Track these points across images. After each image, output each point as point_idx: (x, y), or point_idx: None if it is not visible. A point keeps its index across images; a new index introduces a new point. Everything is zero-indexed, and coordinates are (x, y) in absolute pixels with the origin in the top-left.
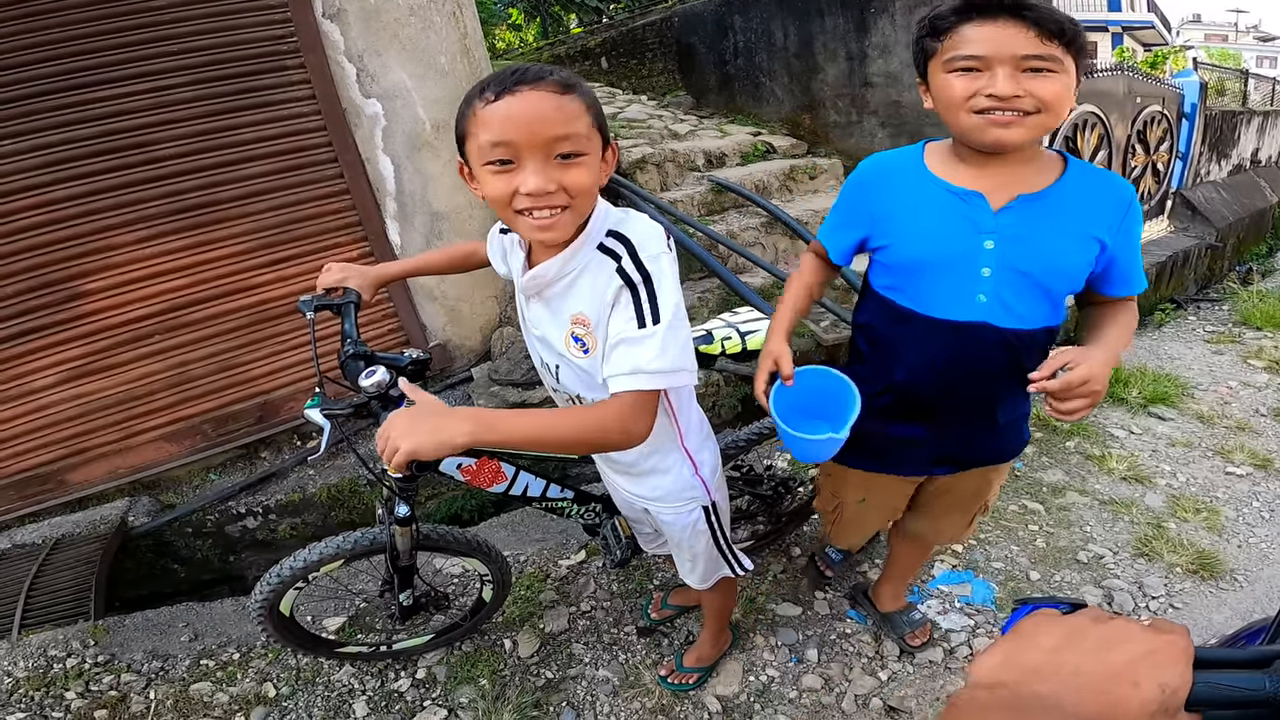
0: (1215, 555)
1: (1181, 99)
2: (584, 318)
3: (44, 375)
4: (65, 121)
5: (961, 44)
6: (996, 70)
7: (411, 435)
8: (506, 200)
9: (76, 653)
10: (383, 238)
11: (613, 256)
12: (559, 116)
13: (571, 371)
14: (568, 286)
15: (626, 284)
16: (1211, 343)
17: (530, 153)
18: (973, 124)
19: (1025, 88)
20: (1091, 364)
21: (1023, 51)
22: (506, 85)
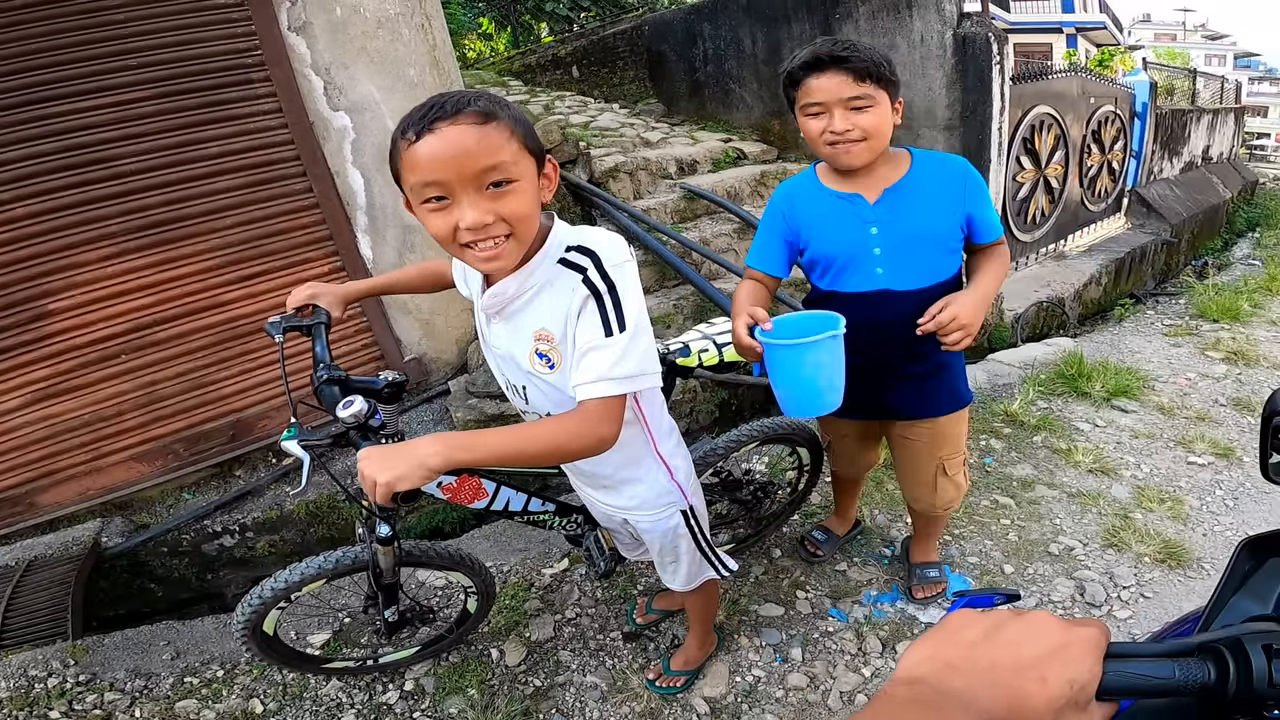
0: (1181, 544)
1: (1133, 98)
2: (547, 333)
3: (10, 397)
4: (25, 137)
5: (807, 94)
6: (833, 112)
7: (389, 468)
8: (449, 236)
9: (57, 672)
10: (354, 251)
11: (576, 269)
12: (482, 148)
13: (539, 391)
14: (528, 303)
15: (592, 293)
16: (1170, 336)
17: (461, 187)
18: (828, 153)
19: (853, 122)
20: (959, 304)
21: (847, 95)
22: (426, 123)
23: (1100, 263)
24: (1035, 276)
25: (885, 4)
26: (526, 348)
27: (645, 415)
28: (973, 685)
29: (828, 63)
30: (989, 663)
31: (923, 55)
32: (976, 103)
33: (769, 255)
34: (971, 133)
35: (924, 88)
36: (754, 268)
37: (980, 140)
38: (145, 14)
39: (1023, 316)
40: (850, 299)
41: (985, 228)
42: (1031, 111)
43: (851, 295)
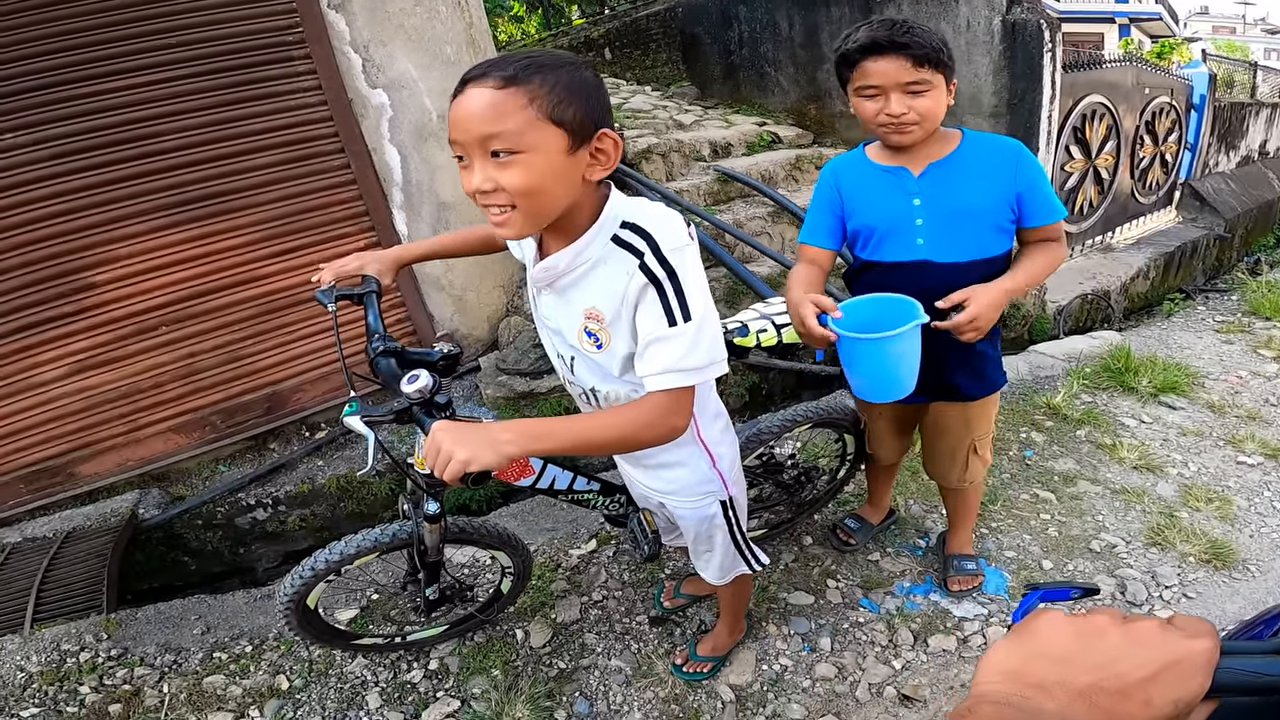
0: (1228, 545)
1: (1190, 90)
2: (597, 312)
3: (52, 367)
4: (76, 113)
5: (864, 76)
6: (890, 95)
7: (467, 446)
8: (471, 196)
9: (90, 646)
10: (389, 228)
11: (633, 252)
12: (487, 114)
13: (586, 364)
14: (580, 278)
15: (651, 281)
16: (1221, 332)
17: (471, 151)
18: (881, 134)
19: (909, 105)
20: (978, 303)
21: (905, 79)
22: (462, 82)
23: (1149, 256)
24: (1080, 268)
25: None
26: (576, 324)
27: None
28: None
29: (887, 47)
30: (1087, 684)
31: (968, 41)
32: (1025, 90)
33: (819, 228)
34: (1019, 120)
35: (969, 74)
36: (806, 243)
37: (1028, 128)
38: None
39: (1066, 309)
40: (890, 268)
41: (1035, 209)
42: (1083, 101)
43: (892, 265)
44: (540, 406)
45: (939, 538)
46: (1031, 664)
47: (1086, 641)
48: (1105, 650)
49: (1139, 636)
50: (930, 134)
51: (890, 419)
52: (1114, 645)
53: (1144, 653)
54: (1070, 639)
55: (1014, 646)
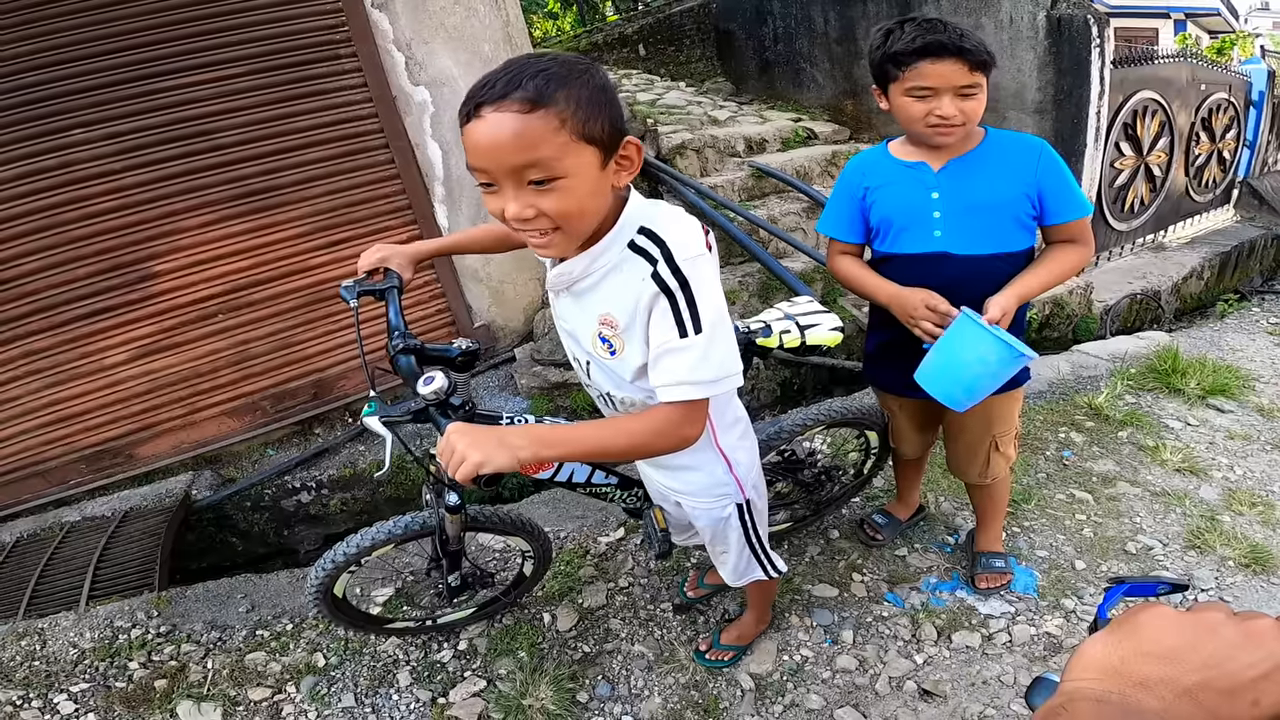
0: (1269, 549)
1: (1249, 86)
2: (612, 319)
3: (116, 353)
4: (134, 111)
5: (919, 77)
6: (943, 97)
7: (480, 449)
8: (501, 218)
9: (140, 623)
10: (431, 221)
11: (647, 259)
12: (520, 143)
13: (600, 370)
14: (595, 284)
15: (663, 290)
16: (1275, 334)
17: (502, 179)
18: (926, 134)
19: (960, 108)
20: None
21: (960, 83)
22: (473, 105)
23: (1203, 256)
24: (1130, 268)
25: None
26: (591, 328)
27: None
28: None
29: (950, 50)
30: (1196, 682)
31: (1011, 36)
32: (1071, 86)
33: (842, 221)
34: (1065, 116)
35: (1013, 69)
36: (834, 237)
37: (1075, 125)
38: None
39: (1114, 309)
40: (908, 260)
41: (1057, 205)
42: (1134, 97)
43: (910, 256)
44: (573, 397)
45: (968, 535)
46: (1135, 661)
47: (1197, 638)
48: (1217, 647)
49: (1254, 634)
50: (968, 134)
51: (911, 414)
52: (1227, 642)
53: (1258, 651)
54: (1178, 635)
55: (1115, 641)
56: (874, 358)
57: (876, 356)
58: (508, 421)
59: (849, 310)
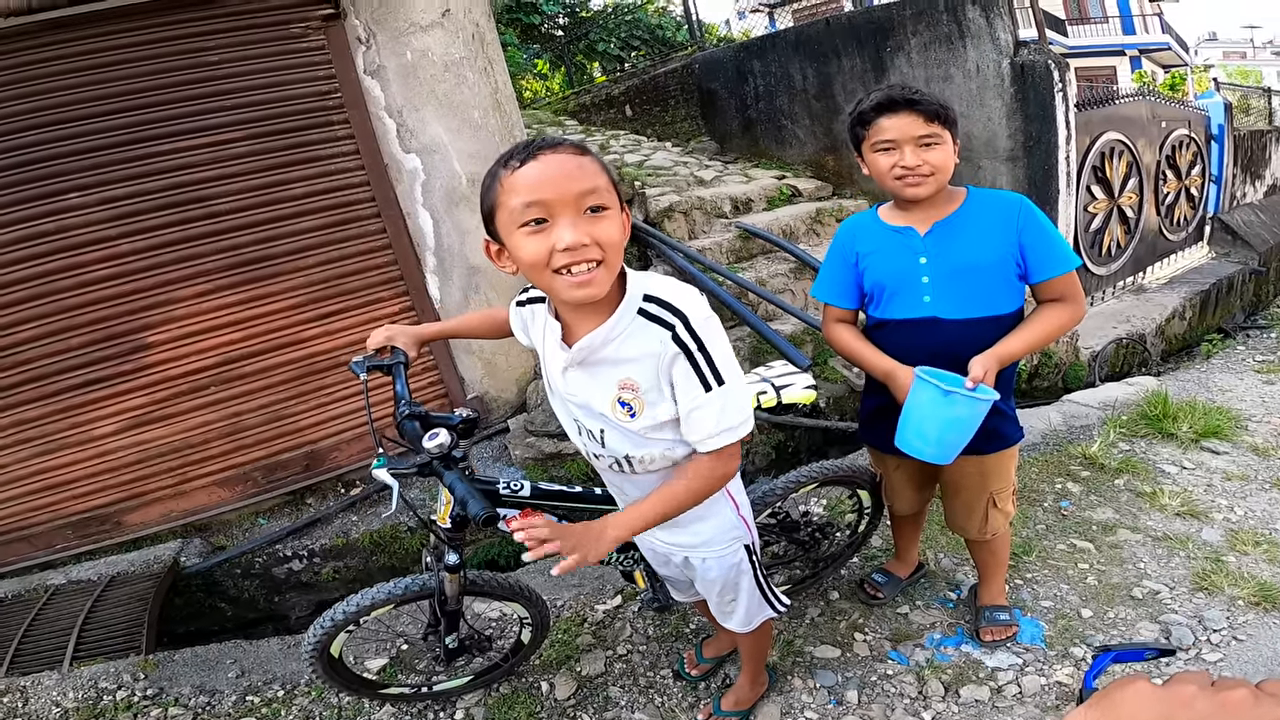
0: (1278, 587)
1: (1208, 121)
2: (632, 383)
3: (106, 423)
4: (130, 175)
5: (879, 132)
6: (904, 148)
7: (585, 549)
8: (544, 261)
9: (126, 685)
10: (423, 292)
11: (664, 325)
12: (583, 173)
13: (618, 434)
14: (615, 351)
15: (684, 352)
16: (1262, 372)
17: (562, 208)
18: (896, 187)
19: (923, 158)
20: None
21: (918, 133)
22: (530, 152)
23: (1183, 295)
24: (1113, 312)
25: (937, 36)
26: (609, 395)
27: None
28: None
29: (901, 104)
30: None
31: (979, 85)
32: (1040, 132)
33: (836, 287)
34: (1036, 163)
35: (983, 118)
36: (829, 303)
37: (1046, 170)
38: (239, 56)
39: (1101, 354)
40: (900, 325)
41: (1041, 261)
42: (1100, 138)
43: (901, 322)
44: (567, 466)
45: (971, 590)
46: None
47: (1173, 712)
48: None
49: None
50: (942, 187)
51: (908, 473)
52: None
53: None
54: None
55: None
56: (870, 420)
57: (872, 418)
58: (504, 487)
59: (839, 371)
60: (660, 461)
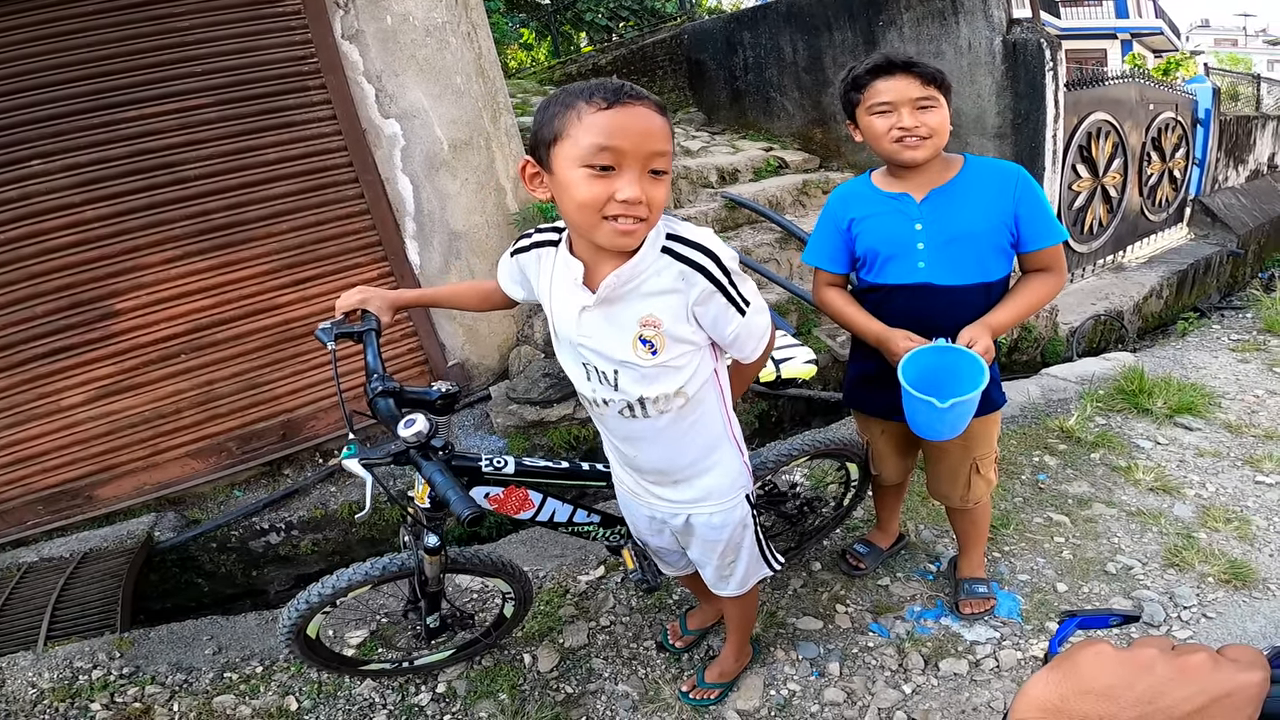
0: (1248, 564)
1: (1195, 105)
2: (654, 319)
3: (75, 393)
4: (95, 142)
5: (876, 94)
6: (901, 110)
7: None
8: (599, 204)
9: (102, 664)
10: (402, 257)
11: (693, 265)
12: (662, 134)
13: (634, 374)
14: (638, 288)
15: (719, 288)
16: (1237, 351)
17: (632, 162)
18: (892, 150)
19: (920, 120)
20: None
21: (915, 95)
22: (619, 96)
23: (1161, 275)
24: (1092, 289)
25: (931, 10)
26: (629, 334)
27: (722, 389)
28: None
29: (899, 66)
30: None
31: (970, 62)
32: (1029, 110)
33: (827, 251)
34: (1023, 140)
35: (972, 94)
36: (820, 267)
37: (1033, 148)
38: (210, 21)
39: (1079, 330)
40: (893, 290)
41: (1033, 231)
42: (1088, 119)
43: (895, 287)
44: (550, 434)
45: (950, 562)
46: (1074, 699)
47: (1133, 675)
48: (1152, 684)
49: (1188, 669)
50: (938, 151)
51: (892, 438)
52: (1162, 679)
53: (1193, 686)
54: (1115, 672)
55: (1055, 680)
56: (856, 384)
57: (859, 383)
58: (487, 464)
59: (823, 341)
60: (675, 400)
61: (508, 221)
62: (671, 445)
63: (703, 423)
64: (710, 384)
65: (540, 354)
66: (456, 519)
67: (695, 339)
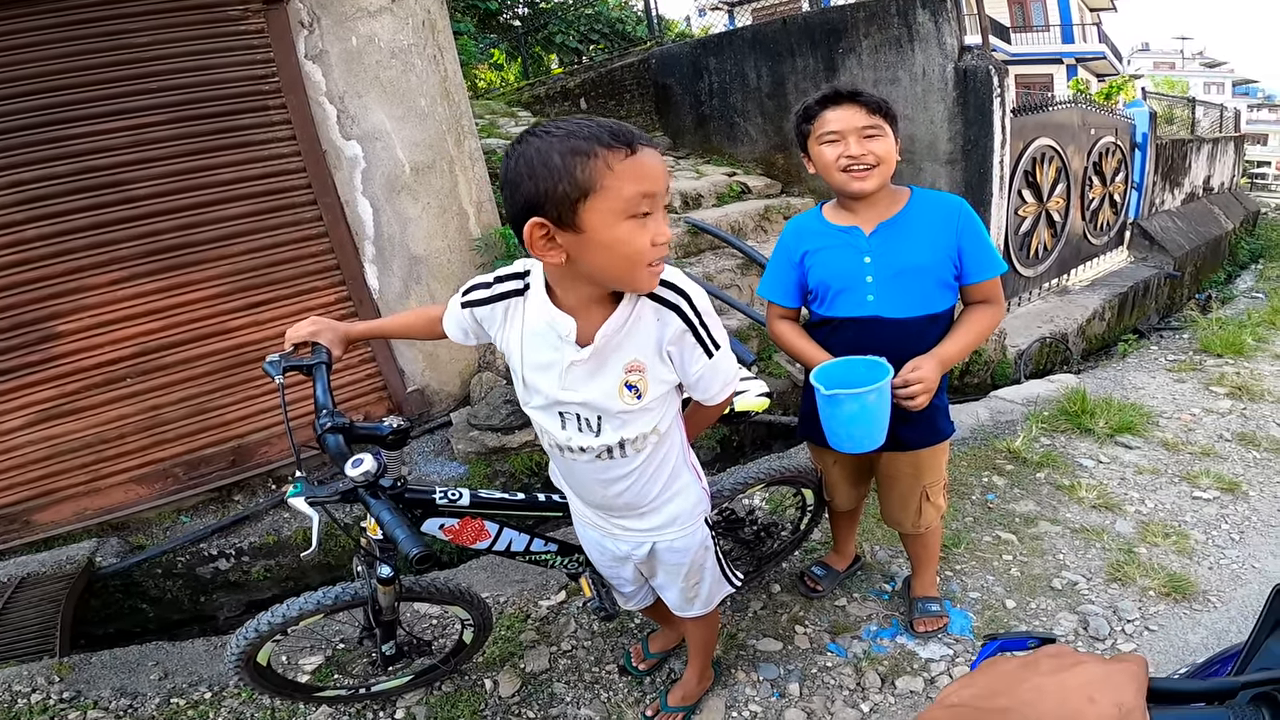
0: (1187, 578)
1: (1133, 129)
2: (639, 363)
3: (14, 416)
4: (40, 158)
5: (825, 124)
6: (848, 139)
7: None
8: (646, 253)
9: (41, 688)
10: (360, 281)
11: (668, 305)
12: (667, 176)
13: (618, 422)
14: (628, 335)
15: (689, 327)
16: (1173, 371)
17: (658, 203)
18: (841, 180)
19: (867, 148)
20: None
21: (860, 124)
22: (635, 139)
23: (1103, 297)
24: (1038, 312)
25: (887, 38)
26: (615, 381)
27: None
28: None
29: (845, 96)
30: (1032, 686)
31: (924, 88)
32: (978, 136)
33: (780, 286)
34: (973, 166)
35: (926, 121)
36: (774, 301)
37: (981, 174)
38: (167, 38)
39: (1026, 353)
40: (843, 323)
41: (974, 265)
42: (1033, 144)
43: (845, 320)
44: (511, 460)
45: (904, 582)
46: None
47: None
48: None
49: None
50: (885, 180)
51: (844, 468)
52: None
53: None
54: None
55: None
56: (809, 416)
57: (812, 415)
58: (441, 496)
59: (784, 367)
60: (651, 438)
61: (470, 246)
62: (642, 479)
63: (670, 455)
64: (676, 418)
65: (502, 380)
66: (404, 558)
67: (670, 378)
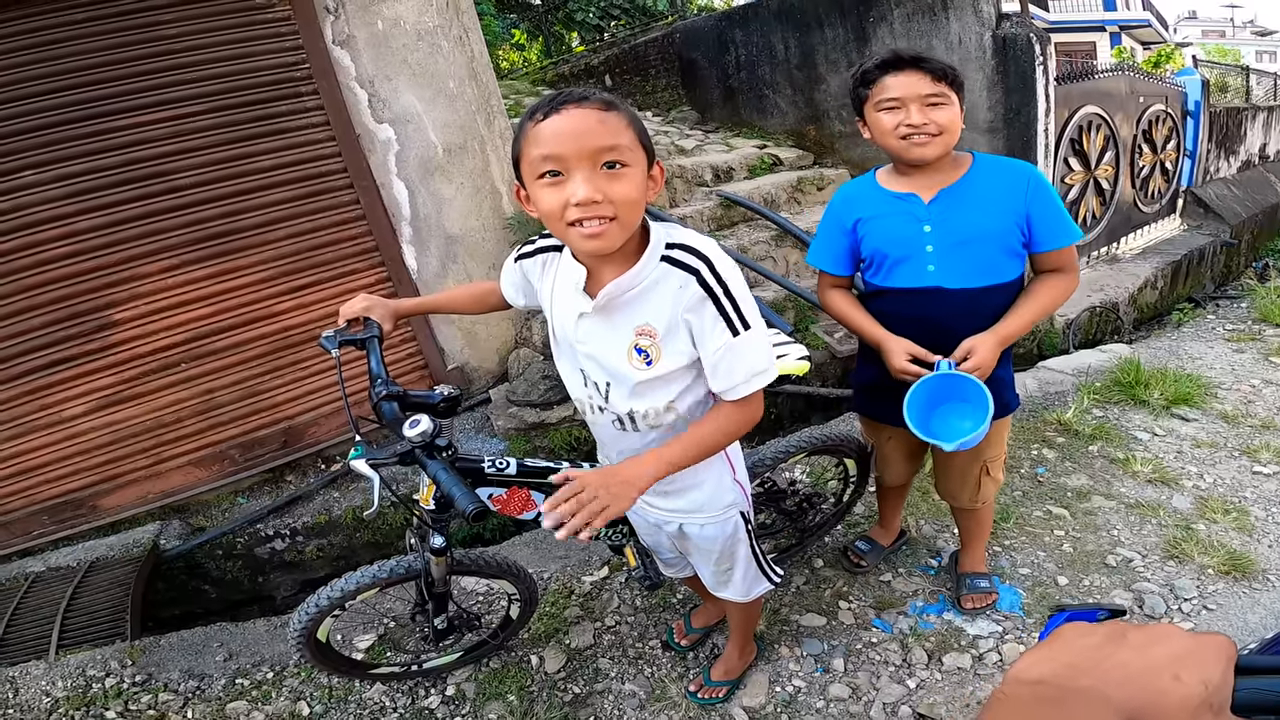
0: (1247, 556)
1: (1184, 97)
2: (651, 329)
3: (75, 404)
4: (86, 151)
5: (884, 90)
6: (909, 106)
7: (619, 498)
8: (559, 212)
9: (115, 672)
10: (399, 263)
11: (688, 269)
12: (603, 129)
13: (624, 389)
14: (637, 297)
15: (709, 295)
16: (1232, 341)
17: (578, 163)
18: (900, 146)
19: (929, 117)
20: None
21: (924, 91)
22: (555, 105)
23: (1156, 266)
24: (1087, 281)
25: (920, 6)
26: (624, 343)
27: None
28: (1101, 683)
29: (907, 62)
30: (1117, 662)
31: (961, 57)
32: (1020, 104)
33: (830, 253)
34: (1015, 135)
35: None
36: (824, 269)
37: (1025, 142)
38: (198, 29)
39: (1075, 322)
40: (902, 294)
41: (1046, 232)
42: (1079, 112)
43: (903, 290)
44: (551, 436)
45: (951, 557)
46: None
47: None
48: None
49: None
50: (948, 149)
51: (900, 445)
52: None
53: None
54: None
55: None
56: (866, 390)
57: (868, 389)
58: (490, 465)
59: (821, 338)
60: (664, 416)
61: (503, 225)
62: None
63: None
64: (705, 405)
65: (539, 356)
66: (461, 515)
67: (688, 350)
